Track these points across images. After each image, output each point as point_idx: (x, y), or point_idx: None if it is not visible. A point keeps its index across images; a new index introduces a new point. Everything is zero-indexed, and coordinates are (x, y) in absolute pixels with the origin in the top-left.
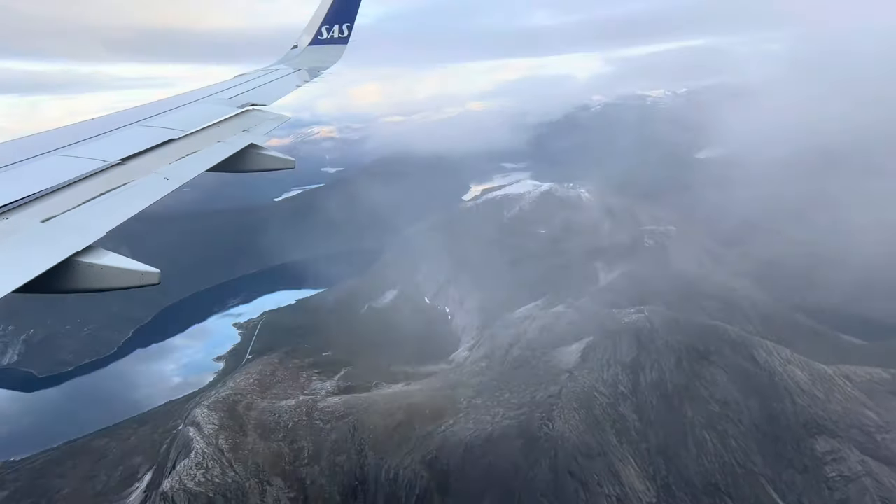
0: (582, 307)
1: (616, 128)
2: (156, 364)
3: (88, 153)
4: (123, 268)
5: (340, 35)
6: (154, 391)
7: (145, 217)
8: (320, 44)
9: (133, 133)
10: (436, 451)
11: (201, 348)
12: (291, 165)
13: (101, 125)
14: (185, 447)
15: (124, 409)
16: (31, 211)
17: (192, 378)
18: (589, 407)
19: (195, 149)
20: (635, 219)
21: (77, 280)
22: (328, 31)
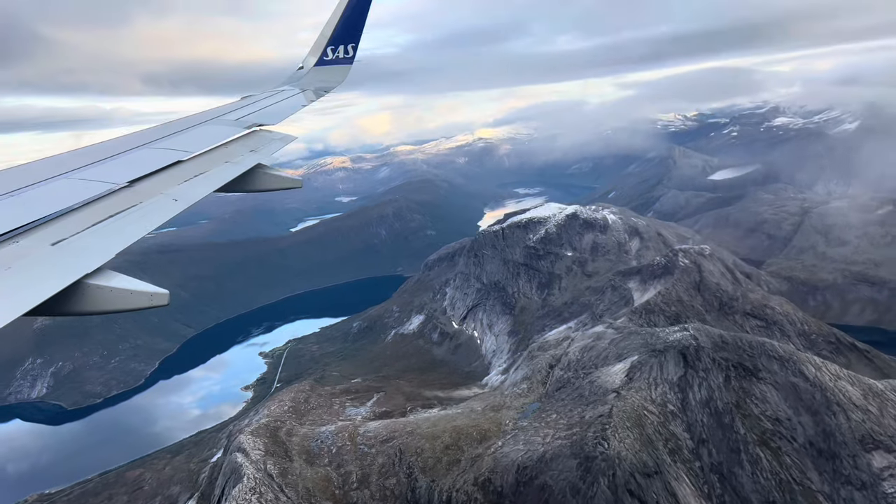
0: (622, 327)
1: (628, 151)
2: (182, 395)
3: (97, 176)
4: (133, 289)
5: (346, 55)
6: (182, 421)
7: (167, 248)
8: (326, 64)
9: (141, 156)
10: (488, 472)
11: (228, 378)
12: (298, 185)
13: (109, 148)
14: (234, 473)
15: (154, 440)
16: (40, 234)
17: (221, 407)
18: (641, 426)
19: (203, 170)
20: (663, 239)
21: (87, 302)
22: (333, 51)
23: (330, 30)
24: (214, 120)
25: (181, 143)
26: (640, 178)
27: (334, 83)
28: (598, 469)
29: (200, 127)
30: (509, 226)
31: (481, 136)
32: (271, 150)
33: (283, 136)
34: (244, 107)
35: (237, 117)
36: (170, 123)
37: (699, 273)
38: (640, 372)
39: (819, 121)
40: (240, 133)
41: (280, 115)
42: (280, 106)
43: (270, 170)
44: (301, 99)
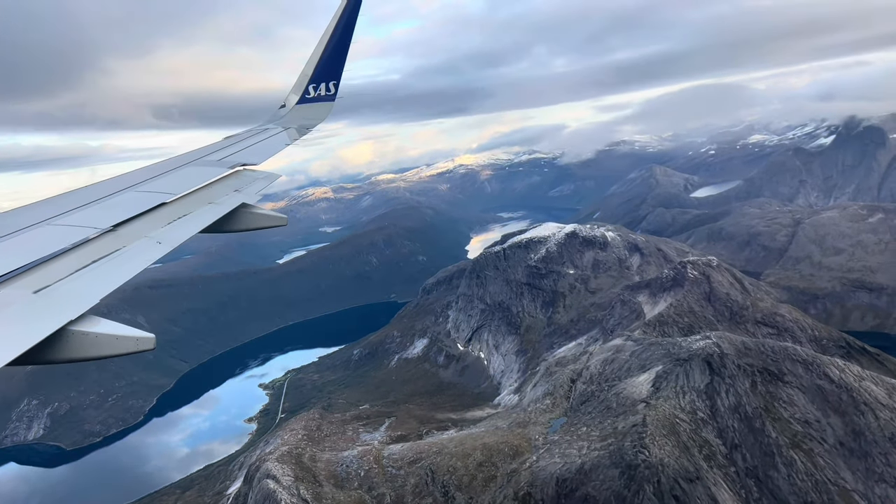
0: (641, 339)
1: (608, 173)
2: (181, 430)
3: (80, 221)
4: (118, 334)
5: (328, 93)
6: (183, 457)
7: (158, 283)
8: (308, 102)
9: (124, 199)
10: (527, 486)
11: (229, 412)
12: (283, 222)
13: (92, 193)
14: (267, 500)
15: (157, 477)
16: (23, 282)
17: (225, 441)
18: (676, 433)
19: (187, 211)
20: (663, 254)
21: (71, 349)
22: (315, 89)
23: (311, 68)
24: (198, 161)
25: (165, 185)
26: (623, 198)
27: (317, 121)
28: (642, 476)
29: (184, 168)
30: (510, 246)
31: (462, 163)
32: (255, 190)
33: (267, 175)
34: (227, 147)
35: (220, 157)
36: (153, 165)
37: (708, 284)
38: (666, 381)
39: (793, 137)
40: (223, 173)
41: (263, 154)
42: (263, 145)
43: (255, 209)
44: (284, 137)
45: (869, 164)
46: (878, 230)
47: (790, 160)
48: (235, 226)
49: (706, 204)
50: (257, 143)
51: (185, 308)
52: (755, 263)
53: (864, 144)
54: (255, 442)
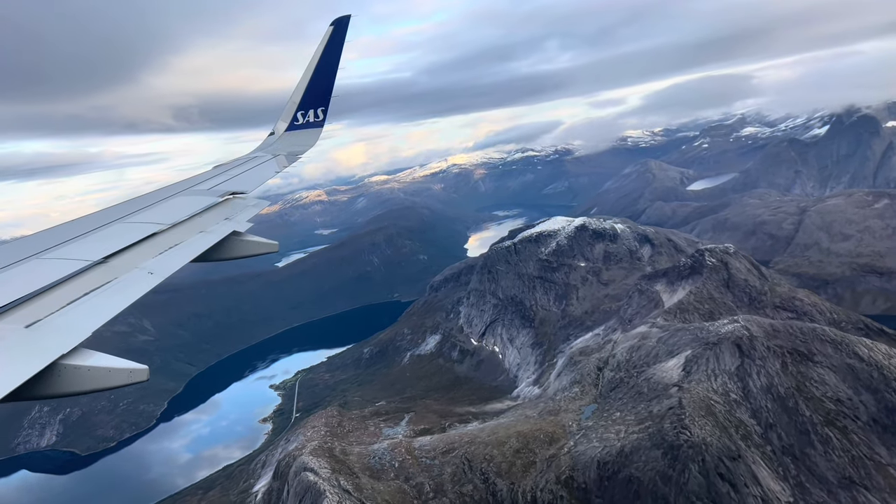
0: (666, 325)
1: (602, 169)
2: (195, 431)
3: (71, 254)
4: (111, 367)
5: (316, 119)
6: (201, 458)
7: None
8: (296, 129)
9: (115, 230)
10: (569, 470)
11: (242, 413)
12: (275, 249)
13: (83, 225)
14: (309, 492)
15: (176, 479)
16: (14, 317)
17: (241, 441)
18: (713, 414)
19: (178, 241)
20: (674, 244)
21: (64, 384)
22: (303, 116)
23: (299, 95)
24: (188, 190)
25: (155, 215)
26: (619, 193)
27: (306, 147)
28: (686, 456)
29: (174, 198)
30: (520, 240)
31: (455, 163)
32: (245, 217)
33: (257, 203)
34: (217, 175)
35: (210, 186)
36: (144, 196)
37: (727, 271)
38: (696, 365)
39: (786, 128)
40: (213, 202)
41: (253, 182)
42: (252, 173)
43: (245, 236)
44: (273, 165)
45: (864, 154)
46: (884, 215)
47: (785, 151)
48: (226, 254)
49: (704, 196)
50: (247, 172)
51: (191, 312)
52: (762, 252)
53: (858, 134)
54: (275, 441)
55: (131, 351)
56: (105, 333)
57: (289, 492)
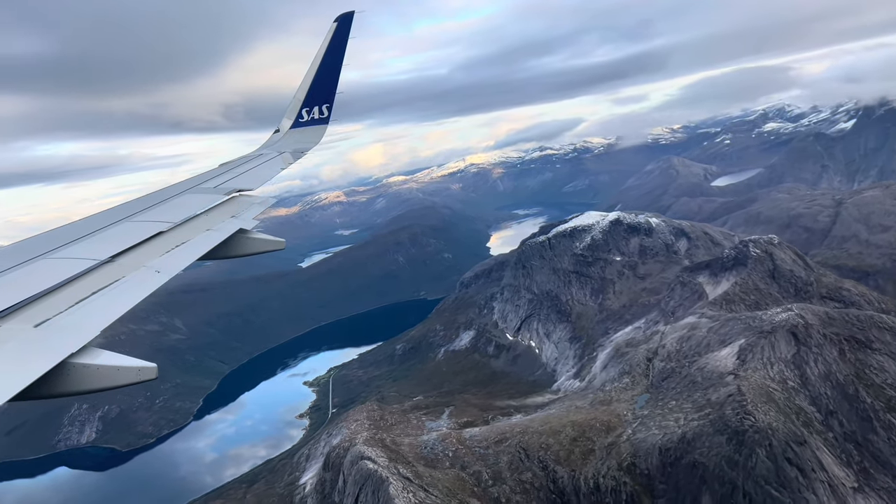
0: (716, 315)
1: (622, 166)
2: (232, 427)
3: (79, 253)
4: (119, 366)
5: (321, 116)
6: (239, 453)
7: (191, 287)
8: (301, 126)
9: (122, 230)
10: (630, 457)
11: (277, 408)
12: (281, 247)
13: (90, 225)
14: (369, 479)
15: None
16: (23, 316)
17: (279, 436)
18: (773, 401)
19: (184, 239)
20: (710, 238)
21: (73, 383)
22: (308, 113)
23: (304, 92)
24: (194, 189)
25: (162, 214)
26: (642, 189)
27: (311, 144)
28: (753, 441)
29: (180, 197)
30: (555, 235)
31: (473, 162)
32: (251, 215)
33: (263, 200)
34: (223, 174)
35: (216, 184)
36: (150, 195)
37: (772, 261)
38: (751, 354)
39: (809, 123)
40: (220, 200)
41: (259, 179)
42: (258, 171)
43: (252, 234)
44: (279, 162)
45: (892, 147)
46: None
47: (811, 146)
48: (233, 252)
49: (729, 192)
50: (252, 169)
51: (220, 311)
52: (798, 245)
53: (885, 127)
54: (315, 435)
55: (163, 350)
56: (139, 332)
57: (345, 481)
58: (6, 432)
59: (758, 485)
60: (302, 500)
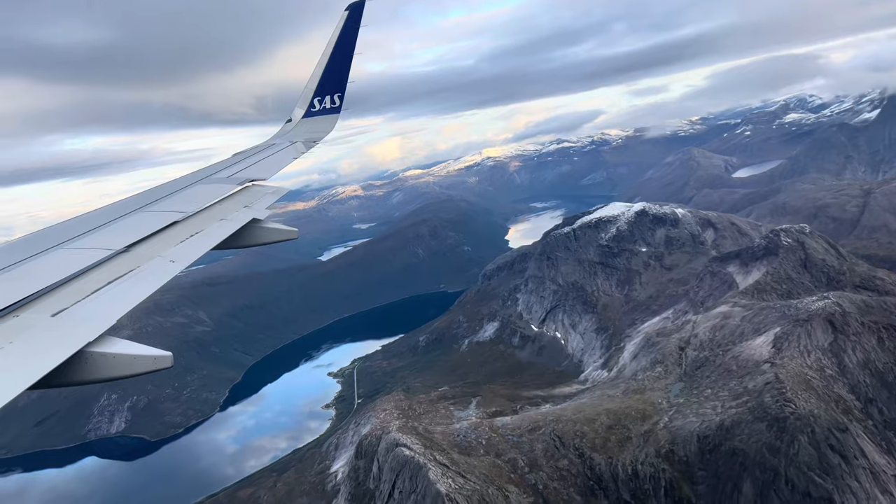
0: (749, 304)
1: (640, 159)
2: (259, 417)
3: (94, 244)
4: (136, 354)
5: (332, 105)
6: (267, 442)
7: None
8: (313, 115)
9: (137, 220)
10: (668, 444)
11: (303, 399)
12: (294, 236)
13: (104, 215)
14: (407, 465)
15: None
16: (41, 306)
17: (305, 426)
18: (812, 389)
19: (199, 229)
20: (737, 228)
21: (90, 371)
22: (320, 102)
23: (315, 81)
24: (207, 178)
25: (176, 203)
26: (662, 181)
27: (323, 133)
28: (794, 428)
29: (194, 186)
30: (580, 226)
31: (490, 155)
32: (265, 205)
33: (276, 190)
34: (236, 163)
35: (229, 174)
36: (164, 185)
37: (804, 250)
38: (786, 342)
39: (831, 113)
40: (233, 190)
41: (271, 169)
42: (271, 160)
43: (265, 223)
44: (291, 152)
45: None
46: None
47: (835, 136)
48: (247, 241)
49: (751, 183)
50: (265, 159)
51: (243, 304)
52: (826, 235)
53: None
54: (342, 425)
55: (190, 341)
56: (165, 325)
57: (380, 468)
58: (36, 422)
59: (800, 471)
60: (334, 487)
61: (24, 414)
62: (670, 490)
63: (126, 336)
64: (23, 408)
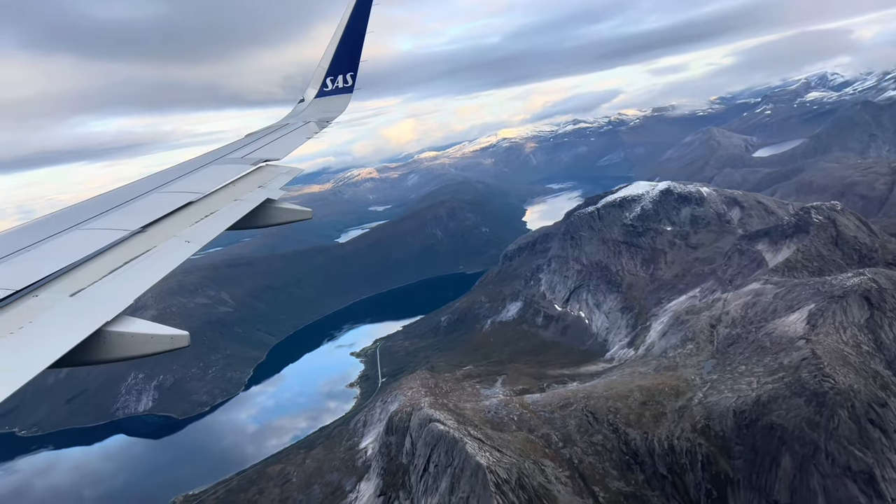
0: (782, 282)
1: (658, 139)
2: (283, 396)
3: (110, 224)
4: (153, 333)
5: (345, 84)
6: (292, 421)
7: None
8: (326, 95)
9: (152, 200)
10: (703, 420)
11: (326, 378)
12: (308, 216)
13: (120, 196)
14: (442, 440)
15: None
16: (59, 286)
17: (330, 404)
18: (849, 364)
19: (213, 209)
20: (764, 206)
21: (109, 350)
22: (332, 82)
23: (327, 61)
24: (221, 159)
25: (190, 184)
26: (682, 161)
27: (336, 113)
28: (834, 402)
29: (208, 167)
30: (604, 206)
31: (505, 136)
32: (279, 185)
33: (290, 170)
34: (249, 143)
35: (243, 155)
36: (178, 166)
37: (835, 228)
38: (821, 318)
39: (853, 91)
40: (247, 170)
41: (285, 149)
42: (284, 140)
43: (279, 204)
44: (304, 132)
45: None
46: None
47: (859, 114)
48: (261, 221)
49: (773, 163)
50: (278, 139)
51: (265, 285)
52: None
53: None
54: (369, 403)
55: (213, 322)
56: (189, 305)
57: (413, 443)
58: (66, 400)
59: (841, 445)
60: (365, 463)
61: (53, 392)
62: (707, 464)
63: (151, 316)
64: (52, 386)
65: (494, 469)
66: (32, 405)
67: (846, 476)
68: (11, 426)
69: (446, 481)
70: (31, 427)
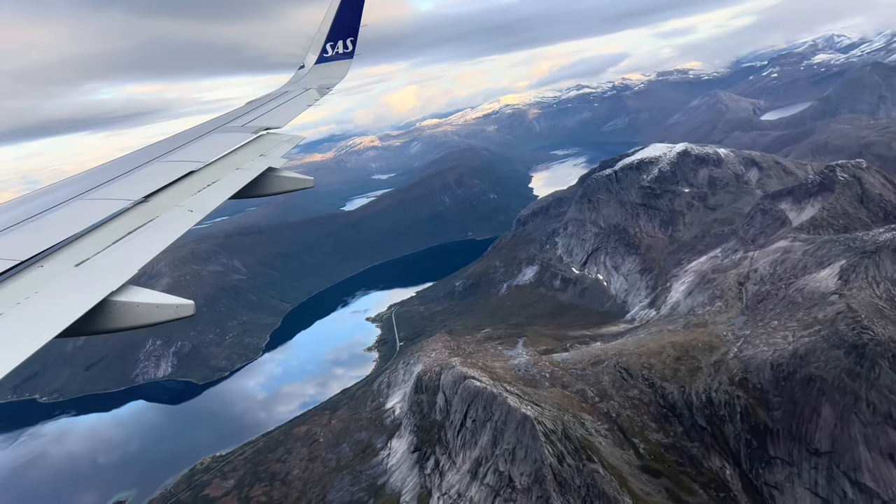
0: (811, 239)
1: (663, 103)
2: (302, 360)
3: (113, 194)
4: (158, 303)
5: (345, 50)
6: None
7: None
8: (326, 61)
9: (154, 170)
10: (741, 373)
11: (343, 342)
12: (311, 185)
13: (122, 166)
14: (479, 396)
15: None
16: (64, 256)
17: (350, 367)
18: (885, 318)
19: (215, 178)
20: (782, 167)
21: (114, 319)
22: (332, 47)
23: (327, 26)
24: (222, 128)
25: (191, 153)
26: (689, 126)
27: (336, 79)
28: (874, 353)
29: (209, 136)
30: (621, 168)
31: (508, 103)
32: (280, 153)
33: (291, 138)
34: (249, 112)
35: (243, 123)
36: (179, 135)
37: (860, 186)
38: (854, 274)
39: (861, 53)
40: (248, 138)
41: (286, 116)
42: (285, 108)
43: (281, 172)
44: (305, 99)
45: None
46: None
47: (868, 76)
48: (263, 190)
49: (781, 125)
50: (279, 107)
51: (276, 252)
52: None
53: None
54: (390, 365)
55: (227, 289)
56: (202, 272)
57: (447, 400)
58: (85, 367)
59: (882, 395)
60: (394, 421)
61: (73, 359)
62: (746, 416)
63: (165, 283)
64: (71, 353)
65: (542, 420)
66: (53, 372)
67: (887, 424)
68: (32, 393)
69: (488, 434)
70: (52, 393)
